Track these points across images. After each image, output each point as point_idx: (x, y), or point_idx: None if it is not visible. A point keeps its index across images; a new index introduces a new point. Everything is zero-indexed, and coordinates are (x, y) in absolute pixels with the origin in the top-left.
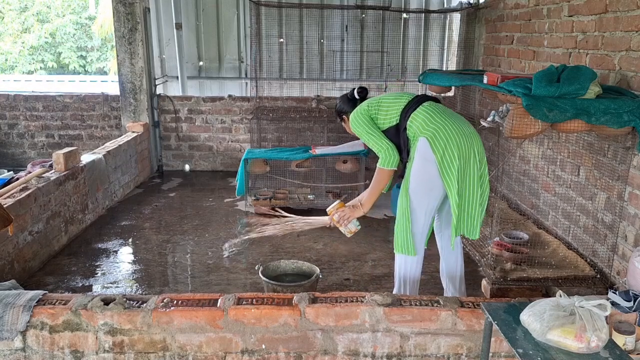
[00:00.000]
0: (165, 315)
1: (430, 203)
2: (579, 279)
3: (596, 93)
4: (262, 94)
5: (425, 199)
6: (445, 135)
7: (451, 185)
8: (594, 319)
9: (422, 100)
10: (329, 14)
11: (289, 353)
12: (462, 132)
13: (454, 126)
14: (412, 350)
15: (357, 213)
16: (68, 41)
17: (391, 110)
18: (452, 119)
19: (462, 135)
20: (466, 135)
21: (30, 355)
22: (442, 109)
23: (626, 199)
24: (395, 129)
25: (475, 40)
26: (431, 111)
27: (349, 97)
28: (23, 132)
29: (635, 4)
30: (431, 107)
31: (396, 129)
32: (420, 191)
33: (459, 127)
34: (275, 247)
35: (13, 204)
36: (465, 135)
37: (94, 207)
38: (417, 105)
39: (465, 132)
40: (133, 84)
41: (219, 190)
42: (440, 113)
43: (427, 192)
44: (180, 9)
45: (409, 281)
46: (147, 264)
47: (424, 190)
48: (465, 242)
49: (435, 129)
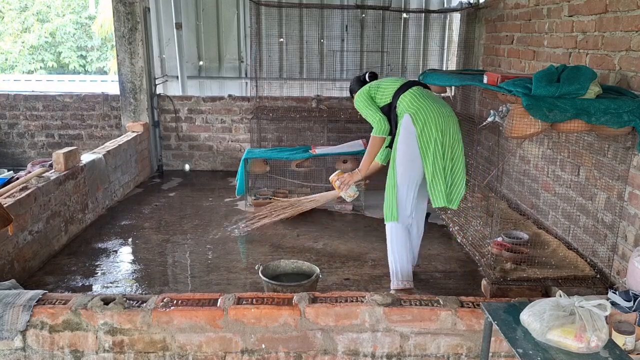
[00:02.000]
0: (165, 315)
1: (412, 174)
2: (579, 279)
3: (596, 93)
4: (262, 93)
5: (408, 170)
6: (425, 113)
7: (427, 155)
8: (593, 319)
9: (412, 84)
10: (329, 13)
11: (289, 353)
12: (441, 112)
13: (434, 107)
14: (412, 350)
15: (356, 177)
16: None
17: (387, 92)
18: (434, 101)
19: (440, 115)
20: (444, 116)
21: (30, 355)
22: (426, 93)
23: (626, 199)
24: (388, 107)
25: (475, 40)
26: (417, 94)
27: (361, 79)
28: (23, 131)
29: (635, 4)
30: (417, 91)
31: (389, 107)
32: (404, 162)
33: (439, 109)
34: (275, 247)
35: (13, 204)
36: (443, 116)
37: (94, 207)
38: (407, 88)
39: (443, 113)
40: (133, 83)
41: (219, 190)
42: (424, 96)
43: (410, 163)
44: (180, 8)
45: (397, 248)
46: (147, 263)
47: (407, 162)
48: (465, 242)
49: (417, 108)
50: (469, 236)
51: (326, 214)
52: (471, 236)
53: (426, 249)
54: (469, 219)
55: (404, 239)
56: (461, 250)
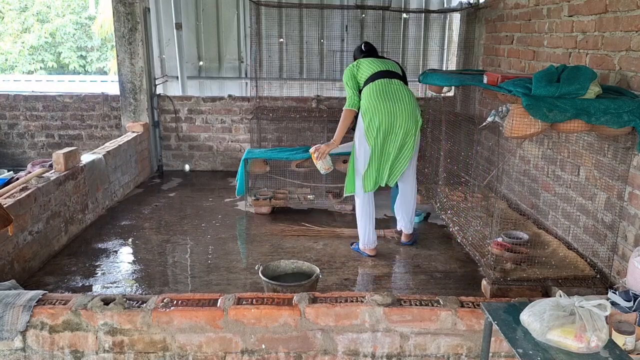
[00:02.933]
0: (165, 315)
1: (363, 154)
2: (579, 279)
3: (596, 93)
4: (262, 94)
5: (361, 150)
6: (372, 110)
7: (374, 147)
8: (594, 319)
9: (380, 76)
10: (329, 14)
11: (289, 353)
12: (388, 110)
13: (383, 105)
14: (412, 350)
15: (331, 147)
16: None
17: (364, 75)
18: (387, 99)
19: (387, 113)
20: (391, 113)
21: (30, 355)
22: (385, 89)
23: (626, 199)
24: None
25: (475, 40)
26: (374, 90)
27: (361, 49)
28: (23, 132)
29: (635, 4)
30: (377, 86)
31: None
32: (357, 144)
33: (388, 107)
34: (275, 247)
35: (13, 204)
36: (390, 114)
37: (94, 207)
38: (374, 79)
39: (391, 111)
40: (133, 84)
41: (219, 190)
42: (380, 93)
43: (362, 146)
44: (180, 9)
45: (359, 216)
46: (147, 264)
47: (359, 144)
48: (465, 242)
49: (367, 105)
50: (469, 236)
51: (326, 214)
52: (471, 236)
53: (426, 249)
54: (469, 219)
55: (366, 209)
56: (461, 250)
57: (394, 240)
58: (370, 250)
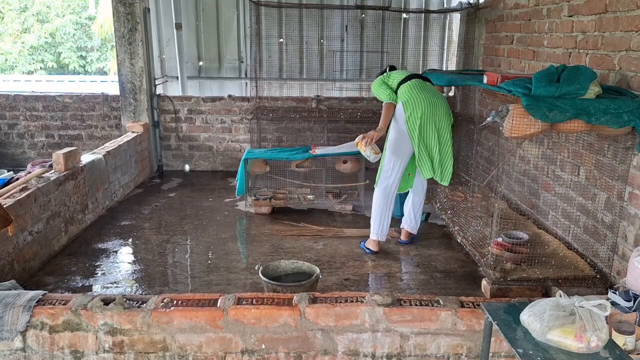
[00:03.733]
0: (165, 315)
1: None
2: (579, 279)
3: (596, 93)
4: (262, 94)
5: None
6: (414, 102)
7: (413, 136)
8: (594, 319)
9: (413, 77)
10: (329, 14)
11: (289, 353)
12: (429, 102)
13: (423, 97)
14: (412, 350)
15: (379, 133)
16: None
17: (395, 80)
18: (425, 92)
19: (428, 104)
20: (432, 105)
21: (30, 355)
22: (421, 85)
23: (626, 199)
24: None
25: (475, 40)
26: (412, 85)
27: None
28: (23, 132)
29: (635, 4)
30: (414, 83)
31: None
32: (393, 140)
33: (428, 99)
34: (275, 247)
35: (13, 204)
36: (431, 105)
37: (94, 207)
38: (408, 79)
39: (432, 103)
40: (133, 84)
41: (219, 190)
42: (418, 87)
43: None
44: (180, 9)
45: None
46: (147, 264)
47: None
48: (465, 242)
49: (408, 97)
50: (469, 236)
51: (326, 214)
52: (471, 236)
53: (426, 248)
54: (469, 219)
55: (385, 203)
56: (461, 250)
57: (393, 240)
58: (375, 245)
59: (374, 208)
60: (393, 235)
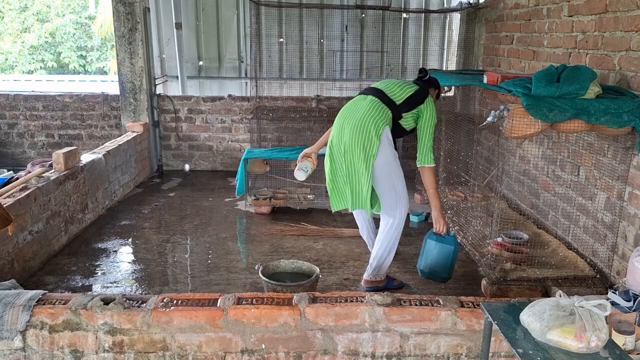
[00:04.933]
0: (165, 315)
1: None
2: (579, 279)
3: (596, 93)
4: (262, 93)
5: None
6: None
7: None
8: (593, 319)
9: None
10: (329, 13)
11: (289, 353)
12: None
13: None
14: (412, 350)
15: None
16: (68, 41)
17: None
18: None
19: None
20: (338, 127)
21: (30, 355)
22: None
23: (626, 199)
24: None
25: (475, 40)
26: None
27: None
28: (23, 131)
29: (635, 4)
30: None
31: None
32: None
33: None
34: (275, 247)
35: (13, 204)
36: (337, 128)
37: (94, 207)
38: None
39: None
40: (133, 83)
41: (218, 190)
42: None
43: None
44: (180, 8)
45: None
46: (147, 263)
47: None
48: (465, 242)
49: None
50: (469, 236)
51: (326, 214)
52: (471, 236)
53: None
54: (469, 219)
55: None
56: (461, 250)
57: None
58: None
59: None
60: None
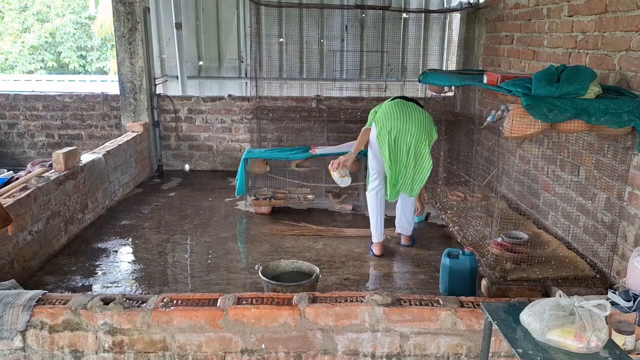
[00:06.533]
0: (165, 315)
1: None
2: (579, 279)
3: (596, 93)
4: (262, 93)
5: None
6: (385, 117)
7: (384, 151)
8: (593, 319)
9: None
10: (329, 13)
11: (289, 353)
12: (401, 118)
13: (396, 114)
14: (412, 350)
15: (348, 156)
16: (68, 41)
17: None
18: (401, 109)
19: (399, 120)
20: (404, 120)
21: (30, 355)
22: (399, 104)
23: (626, 199)
24: None
25: (475, 40)
26: (390, 104)
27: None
28: (23, 131)
29: (635, 4)
30: (392, 102)
31: None
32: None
33: (401, 115)
34: (275, 247)
35: (13, 204)
36: (400, 121)
37: (94, 207)
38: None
39: (404, 118)
40: (133, 83)
41: (218, 190)
42: (395, 105)
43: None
44: (180, 8)
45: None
46: (147, 263)
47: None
48: (465, 242)
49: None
50: (469, 236)
51: (326, 214)
52: (471, 236)
53: (426, 249)
54: (469, 219)
55: (374, 204)
56: None
57: (394, 240)
58: (378, 247)
59: (369, 211)
60: (392, 235)
